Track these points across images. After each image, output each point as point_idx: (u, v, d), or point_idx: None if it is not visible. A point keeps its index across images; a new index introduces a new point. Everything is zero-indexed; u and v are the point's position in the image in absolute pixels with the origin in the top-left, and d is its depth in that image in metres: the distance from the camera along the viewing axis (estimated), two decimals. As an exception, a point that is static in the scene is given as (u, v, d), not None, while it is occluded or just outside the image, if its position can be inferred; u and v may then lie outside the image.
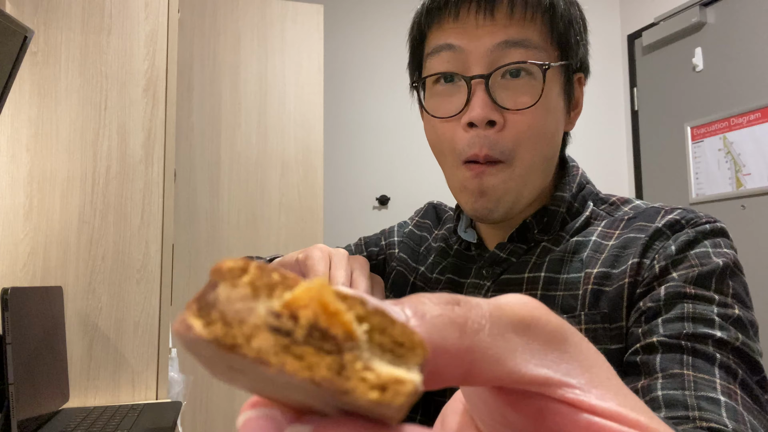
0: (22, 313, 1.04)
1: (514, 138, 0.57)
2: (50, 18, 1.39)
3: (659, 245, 0.56)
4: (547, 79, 0.57)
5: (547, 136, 0.59)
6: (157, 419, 1.15)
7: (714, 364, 0.49)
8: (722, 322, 0.51)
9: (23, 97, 1.35)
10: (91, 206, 1.38)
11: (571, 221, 0.64)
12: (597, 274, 0.58)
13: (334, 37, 2.82)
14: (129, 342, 1.37)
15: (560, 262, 0.61)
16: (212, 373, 0.14)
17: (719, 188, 2.63)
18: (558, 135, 0.61)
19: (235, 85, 2.24)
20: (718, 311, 0.52)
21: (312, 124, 2.30)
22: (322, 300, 0.12)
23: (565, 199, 0.64)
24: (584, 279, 0.58)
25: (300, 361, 0.12)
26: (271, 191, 2.24)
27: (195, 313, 0.12)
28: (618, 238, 0.60)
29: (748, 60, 2.53)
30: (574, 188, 0.65)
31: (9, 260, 1.31)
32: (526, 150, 0.57)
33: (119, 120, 1.42)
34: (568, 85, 0.62)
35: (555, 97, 0.59)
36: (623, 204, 0.65)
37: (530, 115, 0.57)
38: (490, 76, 0.56)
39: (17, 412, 0.97)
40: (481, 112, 0.56)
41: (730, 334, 0.51)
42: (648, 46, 2.99)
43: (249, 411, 0.15)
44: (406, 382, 0.12)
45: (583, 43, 0.63)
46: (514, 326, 0.16)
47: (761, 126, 2.47)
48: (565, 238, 0.63)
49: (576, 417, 0.16)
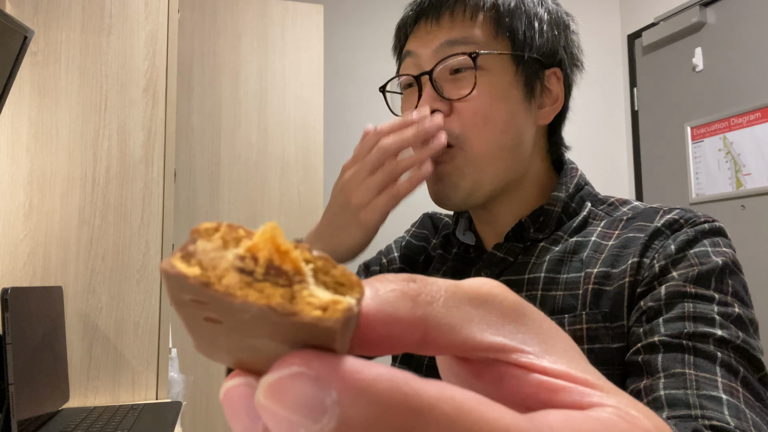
0: (22, 313, 1.04)
1: (460, 123, 0.61)
2: (50, 18, 1.39)
3: (659, 244, 0.57)
4: (488, 67, 0.61)
5: (497, 123, 0.61)
6: (157, 419, 1.15)
7: (715, 363, 0.50)
8: (722, 320, 0.52)
9: (23, 97, 1.35)
10: (91, 206, 1.38)
11: (568, 221, 0.65)
12: (597, 273, 0.59)
13: (334, 37, 2.82)
14: (129, 342, 1.37)
15: (560, 262, 0.61)
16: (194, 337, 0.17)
17: (719, 188, 2.63)
18: (515, 124, 0.62)
19: (235, 85, 2.24)
20: (719, 310, 0.52)
21: (312, 124, 2.30)
22: (275, 241, 0.16)
23: (560, 199, 0.65)
24: (584, 279, 0.59)
25: (260, 293, 0.15)
26: (271, 191, 2.24)
27: (178, 258, 0.16)
28: (617, 238, 0.60)
29: (748, 60, 2.53)
30: (571, 188, 0.66)
31: (9, 260, 1.31)
32: (476, 135, 0.60)
33: (119, 120, 1.42)
34: (529, 76, 0.63)
35: (505, 86, 0.62)
36: (622, 205, 0.65)
37: (474, 102, 0.61)
38: (433, 71, 0.62)
39: (17, 412, 0.97)
40: (427, 103, 0.61)
41: (731, 332, 0.51)
42: (648, 46, 2.99)
43: (228, 382, 0.16)
44: (342, 302, 0.15)
45: (550, 33, 0.64)
46: (470, 300, 0.17)
47: (761, 126, 2.47)
48: (563, 237, 0.63)
49: (528, 377, 0.17)
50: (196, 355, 2.10)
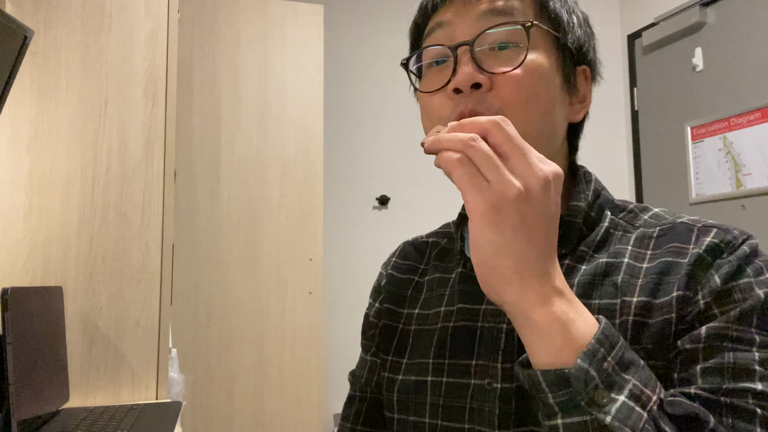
0: (22, 313, 1.04)
1: (501, 97, 0.55)
2: (50, 18, 1.39)
3: (702, 275, 0.52)
4: (534, 45, 0.56)
5: (539, 102, 0.56)
6: (157, 419, 1.15)
7: (754, 423, 0.46)
8: (763, 370, 0.48)
9: (23, 97, 1.35)
10: (91, 206, 1.38)
11: (588, 232, 0.60)
12: (637, 303, 0.53)
13: (334, 37, 2.82)
14: (129, 342, 1.37)
15: (591, 286, 0.56)
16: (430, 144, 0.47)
17: (719, 188, 2.63)
18: (554, 110, 0.57)
19: (235, 85, 2.24)
20: (760, 356, 0.49)
21: (312, 124, 2.30)
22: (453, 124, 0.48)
23: (581, 209, 0.59)
24: (622, 307, 0.54)
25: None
26: (271, 191, 2.24)
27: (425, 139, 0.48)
28: (652, 261, 0.55)
29: (748, 60, 2.53)
30: (590, 196, 0.61)
31: (9, 260, 1.31)
32: (516, 111, 0.54)
33: (119, 120, 1.42)
34: (567, 66, 0.59)
35: (550, 69, 0.57)
36: (642, 212, 0.61)
37: (519, 78, 0.55)
38: (474, 41, 0.55)
39: (17, 412, 0.97)
40: (466, 76, 0.55)
41: None
42: (648, 46, 2.99)
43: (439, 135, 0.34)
44: None
45: (582, 30, 0.61)
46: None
47: (761, 126, 2.47)
48: (588, 254, 0.58)
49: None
50: (196, 355, 2.11)
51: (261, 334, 2.18)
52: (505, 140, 0.45)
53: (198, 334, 2.12)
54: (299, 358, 2.21)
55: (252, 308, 2.18)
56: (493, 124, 0.45)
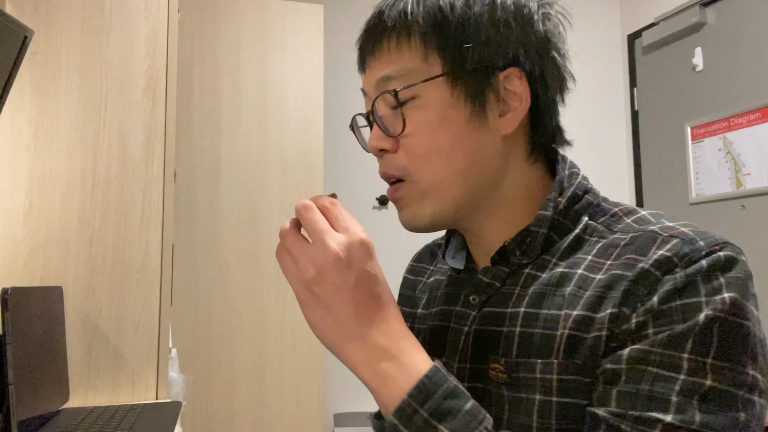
0: (22, 313, 1.04)
1: (405, 158, 0.59)
2: (50, 18, 1.39)
3: (645, 292, 0.49)
4: (421, 95, 0.57)
5: (441, 152, 0.57)
6: (157, 419, 1.15)
7: None
8: (682, 399, 0.45)
9: (23, 97, 1.35)
10: (91, 206, 1.38)
11: (560, 239, 0.58)
12: (576, 317, 0.52)
13: (334, 37, 2.82)
14: (129, 342, 1.37)
15: (542, 296, 0.55)
16: None
17: (719, 188, 2.63)
18: (463, 147, 0.57)
19: (235, 85, 2.24)
20: (682, 385, 0.46)
21: (312, 124, 2.30)
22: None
23: (546, 218, 0.58)
24: (563, 319, 0.53)
25: None
26: (271, 191, 2.24)
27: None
28: (606, 272, 0.53)
29: (748, 60, 2.53)
30: (562, 203, 0.59)
31: (9, 260, 1.31)
32: (423, 167, 0.58)
33: (119, 120, 1.42)
34: (472, 90, 0.57)
35: (443, 111, 0.57)
36: (627, 215, 0.58)
37: (412, 136, 0.58)
38: (372, 110, 0.60)
39: (17, 412, 0.97)
40: (373, 144, 0.60)
41: (686, 417, 0.45)
42: (648, 46, 2.99)
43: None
44: None
45: (491, 37, 0.57)
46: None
47: (761, 126, 2.47)
48: (551, 262, 0.57)
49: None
50: (196, 355, 2.11)
51: (261, 334, 2.18)
52: (305, 226, 0.52)
53: (198, 334, 2.12)
54: (299, 358, 2.21)
55: (252, 308, 2.18)
56: (297, 211, 0.53)
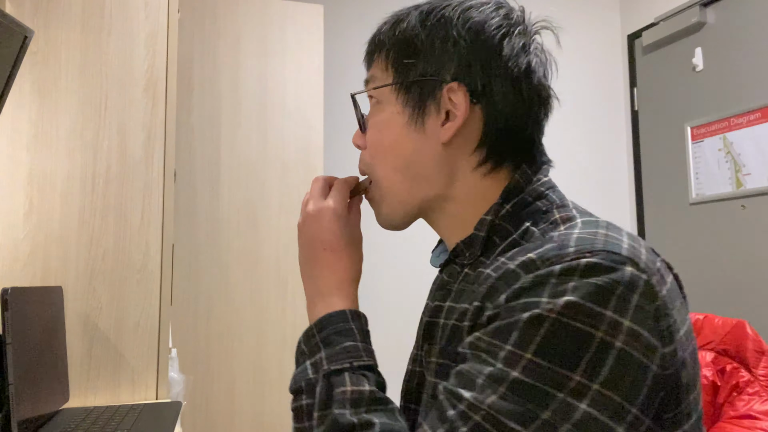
0: (22, 313, 1.04)
1: (367, 153, 0.70)
2: (50, 18, 1.39)
3: (503, 289, 0.52)
4: (380, 100, 0.68)
5: (385, 150, 0.67)
6: (157, 419, 1.15)
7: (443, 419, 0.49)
8: (486, 382, 0.48)
9: (23, 97, 1.35)
10: (91, 206, 1.38)
11: (501, 243, 0.61)
12: (461, 309, 0.59)
13: (334, 37, 2.82)
14: (129, 342, 1.37)
15: (462, 292, 0.62)
16: None
17: (719, 188, 2.63)
18: (400, 147, 0.66)
19: (235, 85, 2.24)
20: (493, 370, 0.48)
21: (312, 124, 2.30)
22: None
23: (486, 222, 0.62)
24: (461, 312, 0.59)
25: None
26: (271, 191, 2.24)
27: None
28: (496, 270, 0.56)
29: (748, 60, 2.53)
30: (506, 208, 0.62)
31: (9, 260, 1.31)
32: (375, 164, 0.68)
33: (119, 120, 1.42)
34: (414, 100, 0.64)
35: (389, 115, 0.66)
36: (564, 222, 0.59)
37: (368, 135, 0.69)
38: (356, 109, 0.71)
39: (17, 413, 0.97)
40: (353, 140, 0.72)
41: (480, 397, 0.47)
42: (648, 46, 2.99)
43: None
44: None
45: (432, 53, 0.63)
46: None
47: (761, 126, 2.47)
48: (484, 263, 0.61)
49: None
50: (196, 355, 2.11)
51: (261, 334, 2.18)
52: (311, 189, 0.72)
53: (198, 334, 2.12)
54: (299, 358, 2.20)
55: (252, 308, 2.18)
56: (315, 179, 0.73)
